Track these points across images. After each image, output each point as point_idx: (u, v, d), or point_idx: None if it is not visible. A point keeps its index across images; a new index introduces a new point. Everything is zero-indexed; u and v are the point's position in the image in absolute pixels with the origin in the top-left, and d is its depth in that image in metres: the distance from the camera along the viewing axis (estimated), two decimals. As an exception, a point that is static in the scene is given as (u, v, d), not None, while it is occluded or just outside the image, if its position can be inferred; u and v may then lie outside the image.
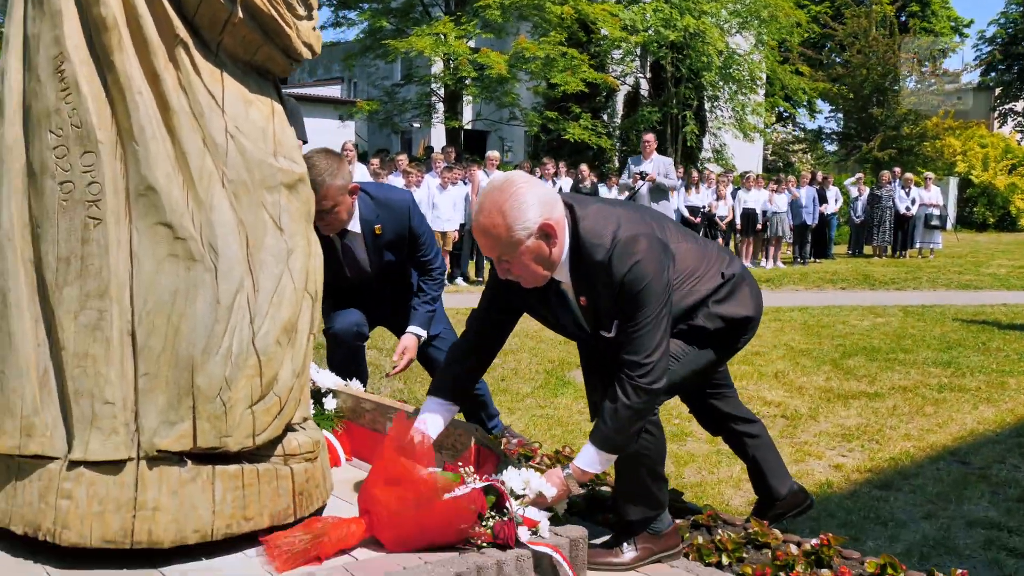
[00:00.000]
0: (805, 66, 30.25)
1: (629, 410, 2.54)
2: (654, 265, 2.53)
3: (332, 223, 3.65)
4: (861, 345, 8.51)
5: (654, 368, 2.52)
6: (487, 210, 2.45)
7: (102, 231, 2.18)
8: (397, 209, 3.80)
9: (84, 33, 2.20)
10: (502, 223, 2.42)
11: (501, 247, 2.47)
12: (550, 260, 2.52)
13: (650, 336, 2.52)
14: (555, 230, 2.48)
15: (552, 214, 2.48)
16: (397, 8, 23.35)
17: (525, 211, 2.43)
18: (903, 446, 5.08)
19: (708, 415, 3.41)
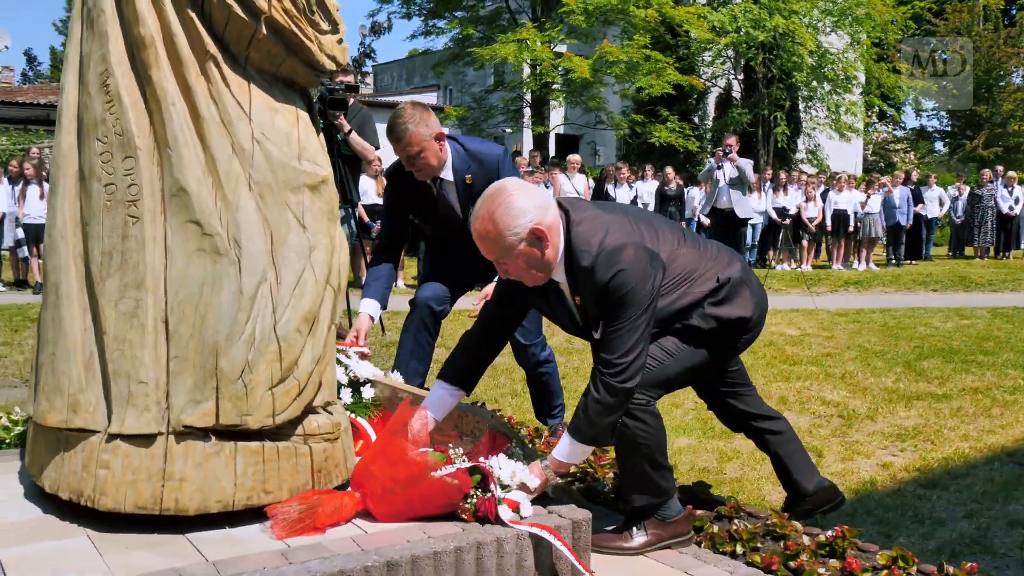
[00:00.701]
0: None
1: (599, 404, 2.70)
2: (638, 274, 2.66)
3: (423, 168, 3.89)
4: (939, 347, 8.33)
5: (626, 368, 2.67)
6: (481, 217, 2.65)
7: (139, 228, 2.43)
8: (487, 162, 3.98)
9: (127, 51, 2.45)
10: (494, 229, 2.63)
11: (496, 251, 2.68)
12: (543, 262, 2.70)
13: (625, 338, 2.67)
14: (545, 234, 2.65)
15: (543, 219, 2.66)
16: (485, 16, 23.71)
17: (515, 217, 2.62)
18: (959, 446, 5.00)
19: (726, 413, 3.49)
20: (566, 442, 2.78)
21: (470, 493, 2.59)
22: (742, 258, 3.18)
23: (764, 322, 3.15)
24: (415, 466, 2.54)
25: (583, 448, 2.79)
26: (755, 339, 3.18)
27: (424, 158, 3.85)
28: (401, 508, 2.56)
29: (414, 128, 3.80)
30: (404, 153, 3.86)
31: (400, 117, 3.83)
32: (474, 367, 3.08)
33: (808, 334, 9.07)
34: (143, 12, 2.39)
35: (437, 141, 3.87)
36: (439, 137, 3.88)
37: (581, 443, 2.76)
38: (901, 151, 37.08)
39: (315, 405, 2.67)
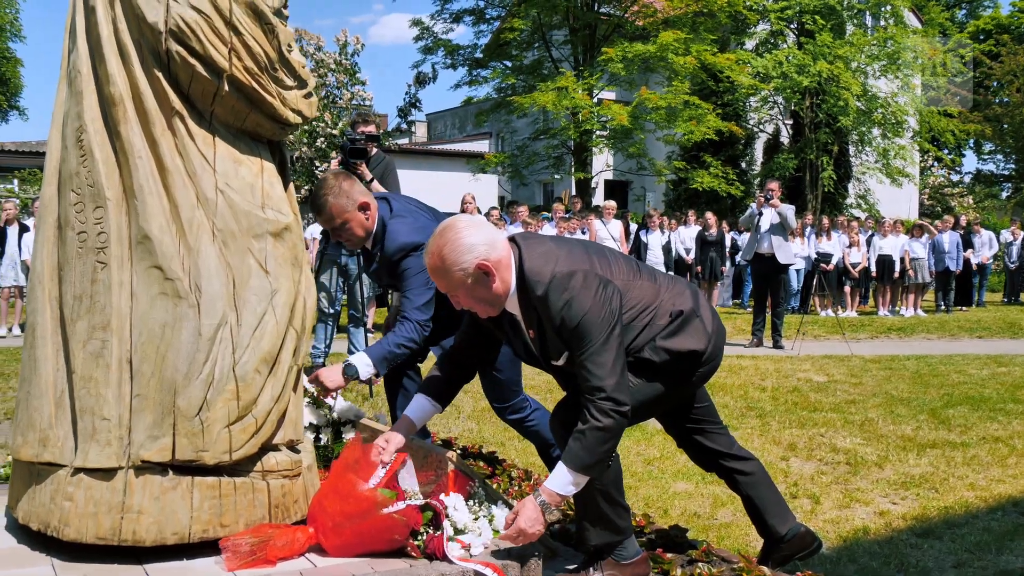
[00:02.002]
0: (956, 107, 29.05)
1: (597, 431, 2.68)
2: (590, 298, 2.72)
3: (349, 239, 3.84)
4: (970, 395, 8.16)
5: (613, 388, 2.68)
6: (432, 252, 2.74)
7: (107, 273, 2.59)
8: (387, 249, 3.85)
9: (100, 108, 2.63)
10: (442, 265, 2.71)
11: (446, 284, 2.76)
12: (492, 296, 2.76)
13: (600, 360, 2.69)
14: (492, 269, 2.72)
15: (490, 255, 2.72)
16: (528, 65, 24.11)
17: (462, 254, 2.69)
18: (963, 495, 4.90)
19: (695, 450, 3.50)
20: (562, 472, 2.73)
21: (419, 530, 2.67)
22: (695, 289, 3.20)
23: (721, 355, 3.16)
24: (364, 501, 2.63)
25: (580, 478, 2.74)
26: (713, 372, 3.19)
27: (349, 229, 3.76)
28: (351, 541, 2.65)
29: (333, 200, 3.69)
30: (328, 225, 3.78)
31: (321, 188, 3.72)
32: (451, 386, 3.17)
33: (835, 380, 8.96)
34: (113, 72, 2.57)
35: (361, 211, 3.76)
36: (363, 207, 3.76)
37: (577, 472, 2.72)
38: (958, 195, 36.46)
39: (276, 443, 2.78)
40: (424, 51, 25.04)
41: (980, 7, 47.44)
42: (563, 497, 2.77)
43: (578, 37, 23.47)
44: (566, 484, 2.74)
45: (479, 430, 6.41)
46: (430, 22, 25.01)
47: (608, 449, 2.75)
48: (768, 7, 24.10)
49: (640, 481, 5.14)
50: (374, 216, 3.85)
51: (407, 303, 3.83)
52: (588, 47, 23.33)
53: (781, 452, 5.89)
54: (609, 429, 2.70)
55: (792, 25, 25.08)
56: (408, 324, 3.79)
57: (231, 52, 2.60)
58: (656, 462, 5.61)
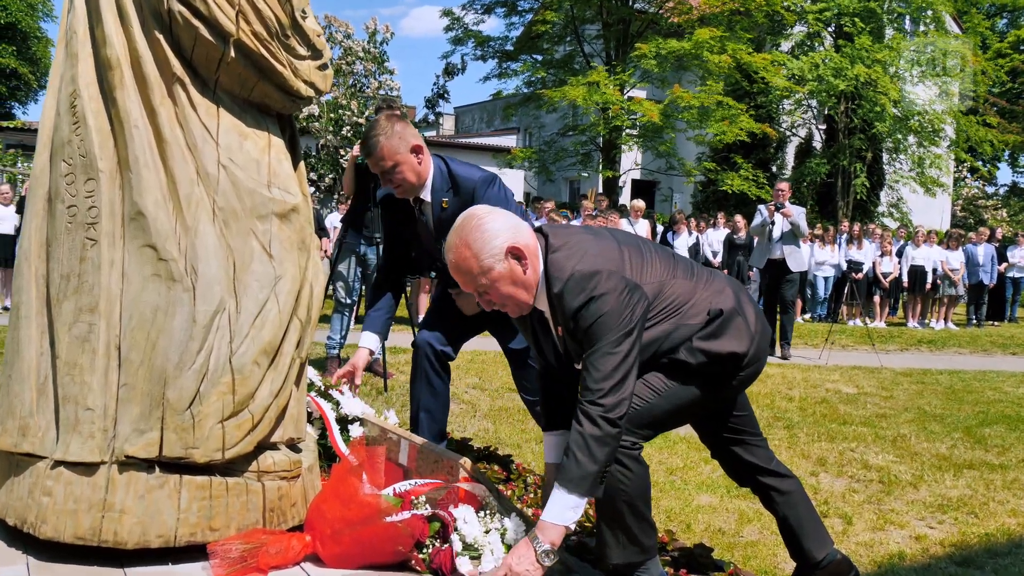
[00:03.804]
0: (995, 117, 28.49)
1: (582, 438, 2.43)
2: (610, 301, 2.48)
3: (400, 184, 3.59)
4: (1006, 413, 7.85)
5: (607, 393, 2.44)
6: (454, 246, 2.50)
7: (96, 251, 2.38)
8: (463, 188, 3.65)
9: (96, 72, 2.43)
10: (470, 254, 2.47)
11: (475, 279, 2.51)
12: (526, 282, 2.53)
13: (602, 363, 2.46)
14: (523, 252, 2.50)
15: (518, 239, 2.51)
16: (559, 59, 23.84)
17: (490, 239, 2.47)
18: (1005, 522, 4.63)
19: (730, 464, 3.25)
20: (555, 498, 2.44)
21: (425, 542, 2.45)
22: (738, 285, 2.93)
23: (765, 359, 2.90)
24: (367, 507, 2.42)
25: (573, 501, 2.44)
26: (755, 377, 2.92)
27: (400, 173, 3.53)
28: (351, 551, 2.44)
29: (387, 141, 3.48)
30: (378, 168, 3.54)
31: (372, 130, 3.51)
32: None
33: (866, 392, 8.67)
34: (111, 33, 2.37)
35: (415, 154, 3.55)
36: (416, 150, 3.55)
37: (569, 494, 2.44)
38: (992, 207, 35.82)
39: (274, 441, 2.57)
40: (454, 42, 24.81)
41: (1021, 17, 46.64)
42: (560, 528, 2.46)
43: (611, 32, 23.15)
44: (563, 510, 2.45)
45: (495, 430, 6.19)
46: (461, 12, 24.81)
47: (601, 460, 2.44)
48: (806, 8, 23.66)
49: (662, 492, 4.90)
50: (427, 162, 3.62)
51: None
52: (621, 42, 23.01)
53: (810, 467, 5.63)
54: (594, 437, 2.42)
55: (830, 27, 24.63)
56: None
57: (239, 15, 2.39)
58: (679, 472, 5.36)
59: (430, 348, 3.84)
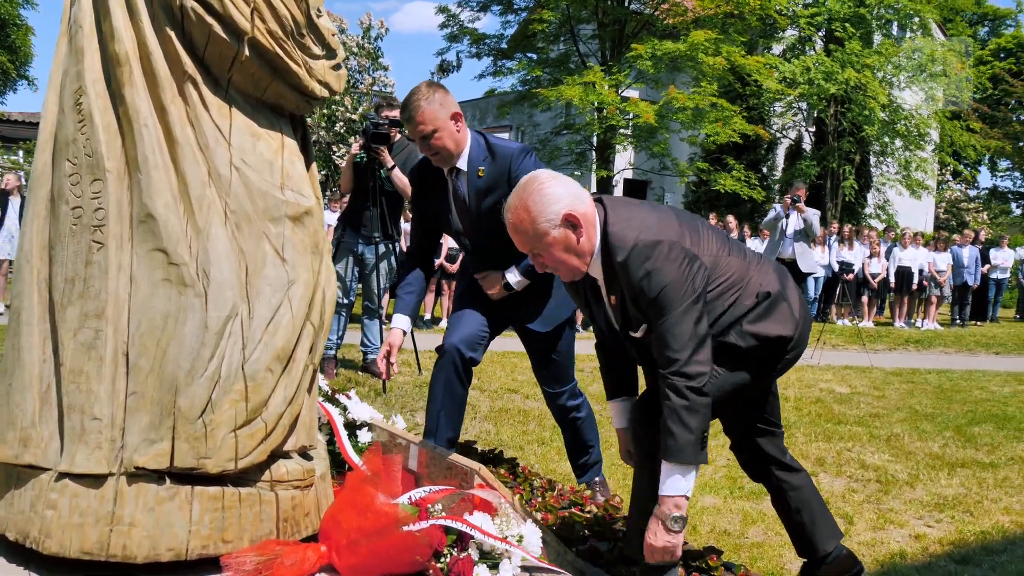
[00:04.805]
0: (978, 123, 28.65)
1: (672, 412, 2.48)
2: (672, 271, 2.52)
3: (439, 151, 3.57)
4: (994, 412, 7.90)
5: (688, 362, 2.48)
6: (514, 207, 2.58)
7: (103, 255, 2.30)
8: (501, 157, 3.64)
9: (103, 68, 2.34)
10: (527, 217, 2.55)
11: (530, 240, 2.58)
12: (578, 250, 2.59)
13: (675, 331, 2.49)
14: (579, 220, 2.55)
15: (577, 206, 2.56)
16: (554, 59, 23.76)
17: (549, 204, 2.54)
18: (999, 520, 4.64)
19: (752, 455, 3.20)
20: (665, 472, 2.51)
21: (443, 552, 2.39)
22: (783, 270, 2.93)
23: (805, 344, 2.89)
24: (384, 517, 2.35)
25: (682, 470, 2.50)
26: (795, 361, 2.94)
27: (439, 139, 3.52)
28: (367, 561, 2.37)
29: (427, 106, 3.48)
30: (418, 133, 3.53)
31: (413, 95, 3.52)
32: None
33: (858, 392, 8.68)
34: (119, 28, 2.28)
35: (454, 122, 3.55)
36: (456, 118, 3.55)
37: (677, 465, 2.49)
38: (973, 211, 36.07)
39: (287, 449, 2.50)
40: (449, 39, 24.65)
41: (1002, 25, 47.04)
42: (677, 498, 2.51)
43: (607, 32, 23.06)
44: (676, 481, 2.51)
45: (496, 432, 6.13)
46: (456, 9, 24.66)
47: (696, 428, 2.49)
48: (798, 12, 23.72)
49: (666, 496, 4.85)
50: (465, 132, 3.61)
51: None
52: (616, 43, 22.92)
53: (810, 467, 5.62)
54: (687, 406, 2.48)
55: (821, 32, 24.70)
56: None
57: (254, 12, 2.32)
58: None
59: (458, 354, 3.77)
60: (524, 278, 3.76)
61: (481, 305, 3.92)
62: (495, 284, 3.77)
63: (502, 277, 3.76)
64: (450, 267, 13.14)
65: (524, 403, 7.28)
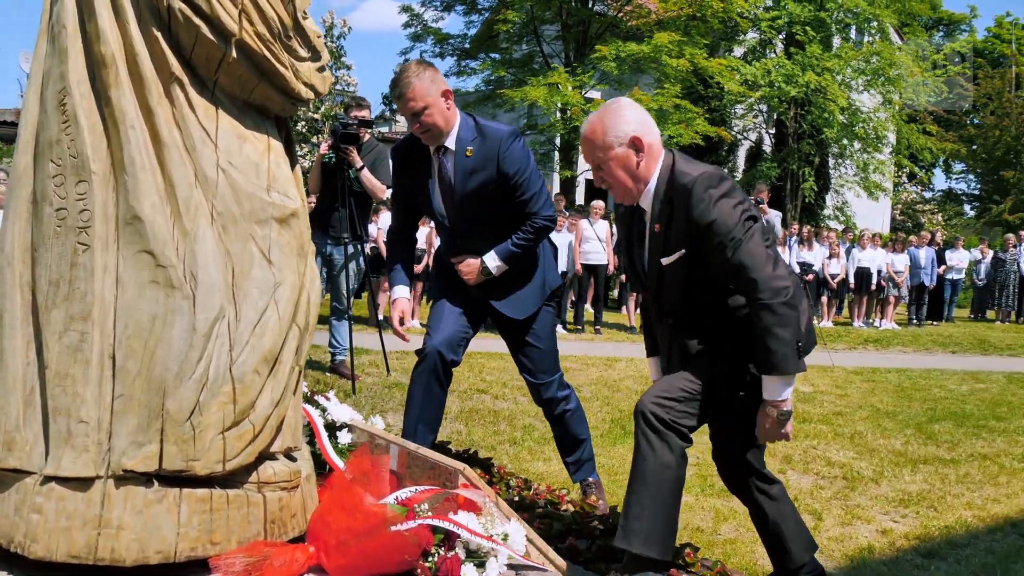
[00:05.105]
0: (934, 125, 29.22)
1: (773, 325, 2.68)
2: (735, 199, 2.76)
3: (429, 128, 3.60)
4: (952, 410, 8.11)
5: (772, 277, 2.69)
6: (591, 119, 2.90)
7: (89, 256, 2.29)
8: (491, 138, 3.67)
9: (88, 69, 2.33)
10: (600, 129, 2.86)
11: (595, 150, 2.87)
12: (637, 172, 2.87)
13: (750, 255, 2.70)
14: (644, 145, 2.84)
15: (645, 135, 2.86)
16: (518, 59, 23.79)
17: (621, 124, 2.84)
18: (962, 515, 4.79)
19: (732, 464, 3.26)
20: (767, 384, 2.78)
21: (431, 551, 2.41)
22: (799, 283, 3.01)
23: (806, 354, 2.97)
24: (373, 517, 2.37)
25: (782, 380, 2.76)
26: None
27: (430, 116, 3.57)
28: (356, 562, 2.38)
29: (418, 82, 3.54)
30: (408, 110, 3.57)
31: (404, 72, 3.58)
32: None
33: (821, 391, 8.84)
34: (105, 29, 2.27)
35: (444, 99, 3.61)
36: (446, 95, 3.62)
37: (777, 376, 2.75)
38: (929, 212, 36.79)
39: (273, 451, 2.50)
40: (413, 38, 24.60)
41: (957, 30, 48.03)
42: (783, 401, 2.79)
43: (571, 33, 23.15)
44: (776, 389, 2.77)
45: (468, 432, 6.15)
46: (420, 9, 24.60)
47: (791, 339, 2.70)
48: (759, 15, 24.01)
49: (638, 495, 4.91)
50: (454, 110, 3.68)
51: (532, 202, 3.72)
52: (580, 44, 23.02)
53: (778, 464, 5.72)
54: (778, 323, 2.68)
55: (781, 35, 25.04)
56: (538, 221, 3.74)
57: (242, 14, 2.32)
58: (653, 475, 5.38)
59: (439, 357, 3.78)
60: (503, 263, 3.77)
61: (459, 298, 3.91)
62: (473, 269, 3.78)
63: (480, 262, 3.77)
64: (415, 267, 13.13)
65: (494, 403, 7.30)
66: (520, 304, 3.87)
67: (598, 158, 2.87)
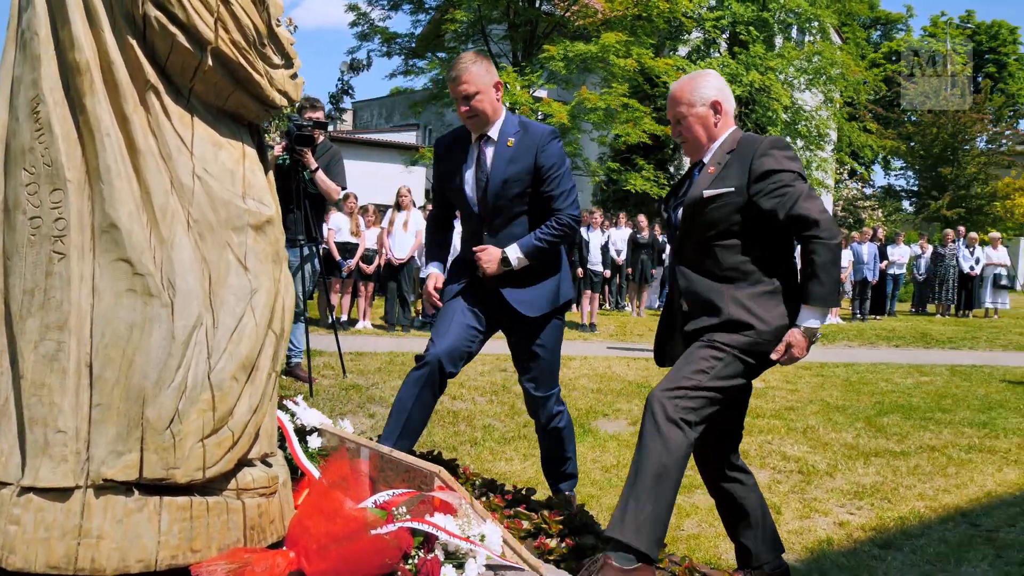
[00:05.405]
0: (874, 123, 29.90)
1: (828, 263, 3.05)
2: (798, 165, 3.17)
3: (478, 114, 3.77)
4: (899, 403, 8.33)
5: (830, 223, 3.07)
6: (681, 81, 3.34)
7: (65, 265, 2.27)
8: (534, 132, 3.85)
9: (61, 76, 2.31)
10: (688, 88, 3.28)
11: (679, 106, 3.28)
12: (710, 132, 3.27)
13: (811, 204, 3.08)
14: (722, 110, 3.28)
15: (724, 102, 3.29)
16: (466, 59, 23.77)
17: (706, 88, 3.27)
18: (914, 506, 4.95)
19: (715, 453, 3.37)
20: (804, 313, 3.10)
21: (411, 553, 2.44)
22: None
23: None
24: (353, 522, 2.39)
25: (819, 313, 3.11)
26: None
27: (480, 102, 3.75)
28: (338, 566, 2.40)
29: (475, 68, 3.74)
30: (460, 92, 3.74)
31: (462, 58, 3.80)
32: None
33: (772, 387, 9.02)
34: (79, 36, 2.26)
35: (495, 90, 3.80)
36: (497, 87, 3.81)
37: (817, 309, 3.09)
38: (869, 208, 37.62)
39: (251, 457, 2.51)
40: (360, 37, 24.45)
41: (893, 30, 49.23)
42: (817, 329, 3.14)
43: (518, 33, 23.23)
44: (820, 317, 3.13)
45: (428, 433, 6.17)
46: (367, 8, 24.44)
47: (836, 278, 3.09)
48: (704, 15, 24.35)
49: (601, 490, 4.99)
50: (501, 104, 3.86)
51: (560, 199, 3.85)
52: (528, 44, 23.11)
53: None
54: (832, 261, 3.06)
55: (725, 35, 25.42)
56: (563, 218, 3.84)
57: (218, 22, 2.32)
58: (614, 469, 5.47)
59: (438, 368, 3.78)
60: (524, 256, 3.83)
61: (472, 304, 3.93)
62: (494, 258, 3.83)
63: (502, 252, 3.84)
64: (366, 268, 13.08)
65: (452, 404, 7.33)
66: (531, 303, 3.92)
67: (680, 113, 3.27)
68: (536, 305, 3.91)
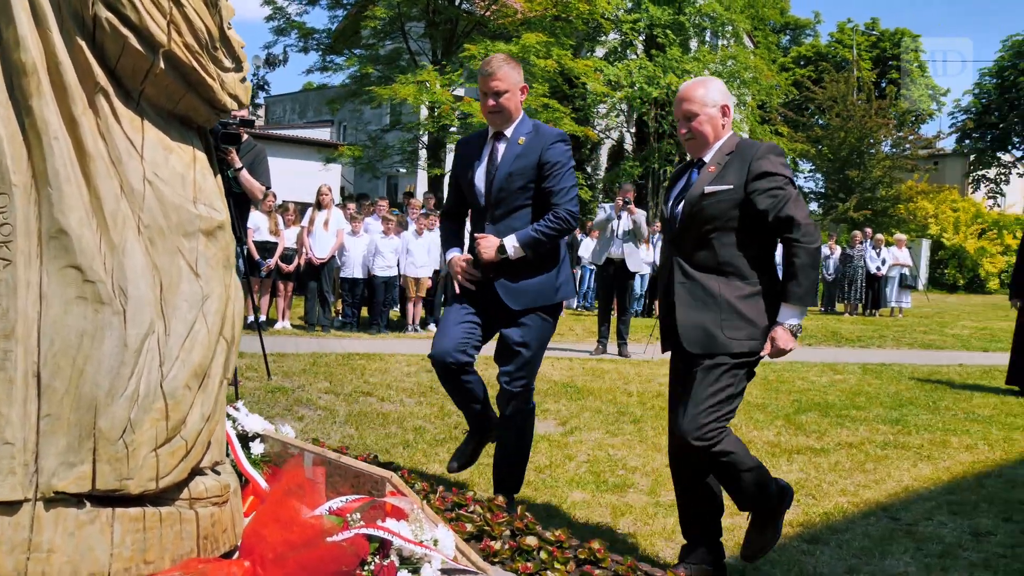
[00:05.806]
0: (785, 127, 30.79)
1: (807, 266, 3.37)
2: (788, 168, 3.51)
3: (501, 111, 4.06)
4: (816, 401, 8.60)
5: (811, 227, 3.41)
6: (693, 83, 3.66)
7: (11, 272, 2.21)
8: (543, 134, 4.13)
9: (6, 78, 2.24)
10: (702, 90, 3.60)
11: (694, 104, 3.58)
12: (716, 132, 3.59)
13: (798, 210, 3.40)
14: (728, 113, 3.62)
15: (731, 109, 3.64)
16: (384, 56, 23.64)
17: (718, 93, 3.62)
18: (838, 501, 5.13)
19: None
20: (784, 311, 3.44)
21: (367, 559, 2.45)
22: None
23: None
24: (310, 529, 2.38)
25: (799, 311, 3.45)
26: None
27: (507, 100, 4.02)
28: (295, 573, 2.39)
29: (508, 68, 4.03)
30: (491, 87, 4.01)
31: (496, 58, 4.10)
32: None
33: (696, 386, 9.20)
34: (25, 36, 2.19)
35: (521, 92, 4.09)
36: (523, 90, 4.12)
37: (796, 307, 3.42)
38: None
39: (203, 466, 2.47)
40: (276, 32, 24.08)
41: (802, 35, 50.76)
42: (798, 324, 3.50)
43: (438, 31, 23.19)
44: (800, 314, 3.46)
45: (360, 436, 6.13)
46: (283, 2, 24.06)
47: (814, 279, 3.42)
48: (621, 17, 24.70)
49: (536, 491, 5.04)
50: (521, 107, 4.16)
51: (560, 194, 4.06)
52: (448, 42, 23.09)
53: (663, 459, 5.94)
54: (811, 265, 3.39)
55: (642, 37, 25.85)
56: (561, 212, 4.03)
57: (170, 24, 2.28)
58: (547, 470, 5.53)
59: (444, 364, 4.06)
60: (520, 246, 4.03)
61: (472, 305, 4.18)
62: (492, 244, 4.04)
63: (500, 241, 4.05)
64: (286, 267, 12.91)
65: (381, 406, 7.30)
66: (518, 295, 4.10)
67: (693, 111, 3.58)
68: (521, 298, 4.10)
